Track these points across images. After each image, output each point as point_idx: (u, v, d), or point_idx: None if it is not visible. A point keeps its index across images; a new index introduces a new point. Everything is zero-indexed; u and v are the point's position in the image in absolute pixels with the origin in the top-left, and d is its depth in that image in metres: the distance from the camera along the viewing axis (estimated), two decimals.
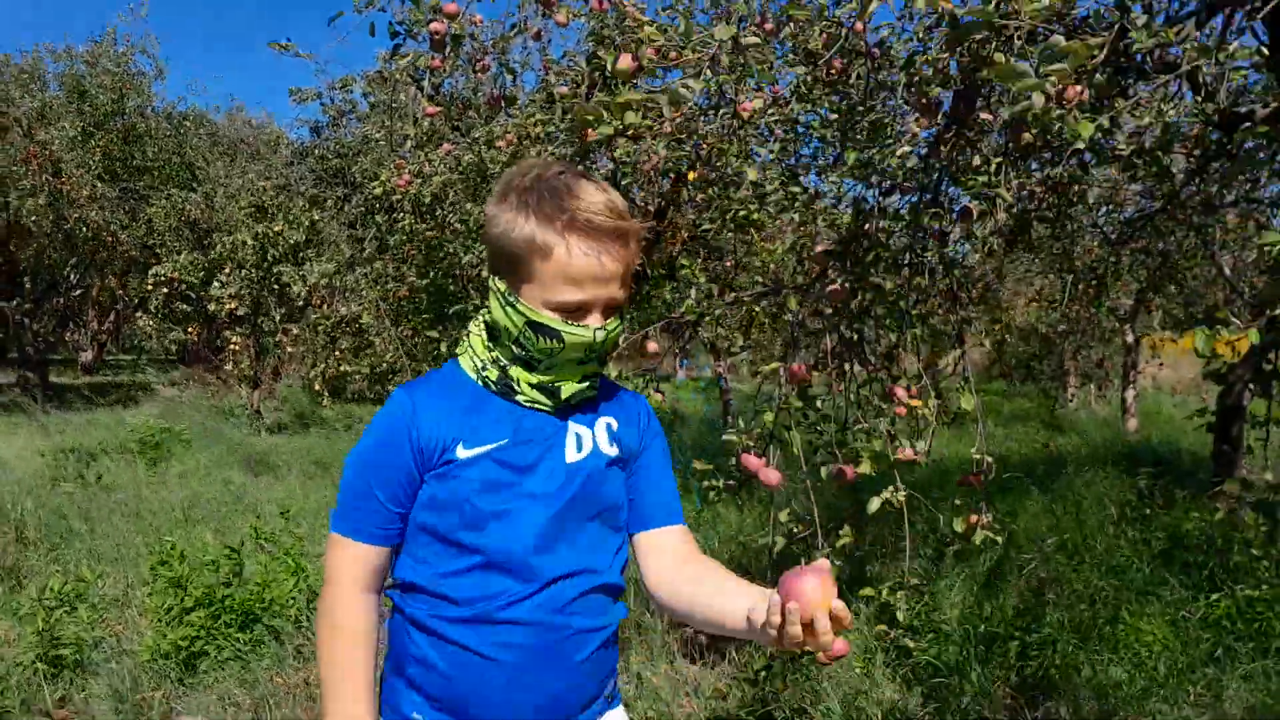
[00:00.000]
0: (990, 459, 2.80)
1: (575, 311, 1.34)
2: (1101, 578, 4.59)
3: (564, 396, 1.40)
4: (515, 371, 1.40)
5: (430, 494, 1.38)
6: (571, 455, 1.43)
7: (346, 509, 1.40)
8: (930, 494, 4.88)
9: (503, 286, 1.37)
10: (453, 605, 1.36)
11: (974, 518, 2.75)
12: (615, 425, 1.49)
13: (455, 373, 1.46)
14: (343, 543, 1.40)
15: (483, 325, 1.45)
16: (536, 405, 1.42)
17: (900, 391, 3.25)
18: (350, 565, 1.40)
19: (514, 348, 1.39)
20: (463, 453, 1.38)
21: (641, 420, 1.54)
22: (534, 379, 1.39)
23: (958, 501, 2.77)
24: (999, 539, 2.75)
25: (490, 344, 1.44)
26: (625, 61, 2.48)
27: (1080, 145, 2.10)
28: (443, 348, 6.55)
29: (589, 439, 1.46)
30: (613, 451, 1.47)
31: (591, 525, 1.43)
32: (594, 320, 1.35)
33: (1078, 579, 4.59)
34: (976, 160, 3.11)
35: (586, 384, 1.42)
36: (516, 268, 1.35)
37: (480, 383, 1.43)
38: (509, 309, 1.36)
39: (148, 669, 3.67)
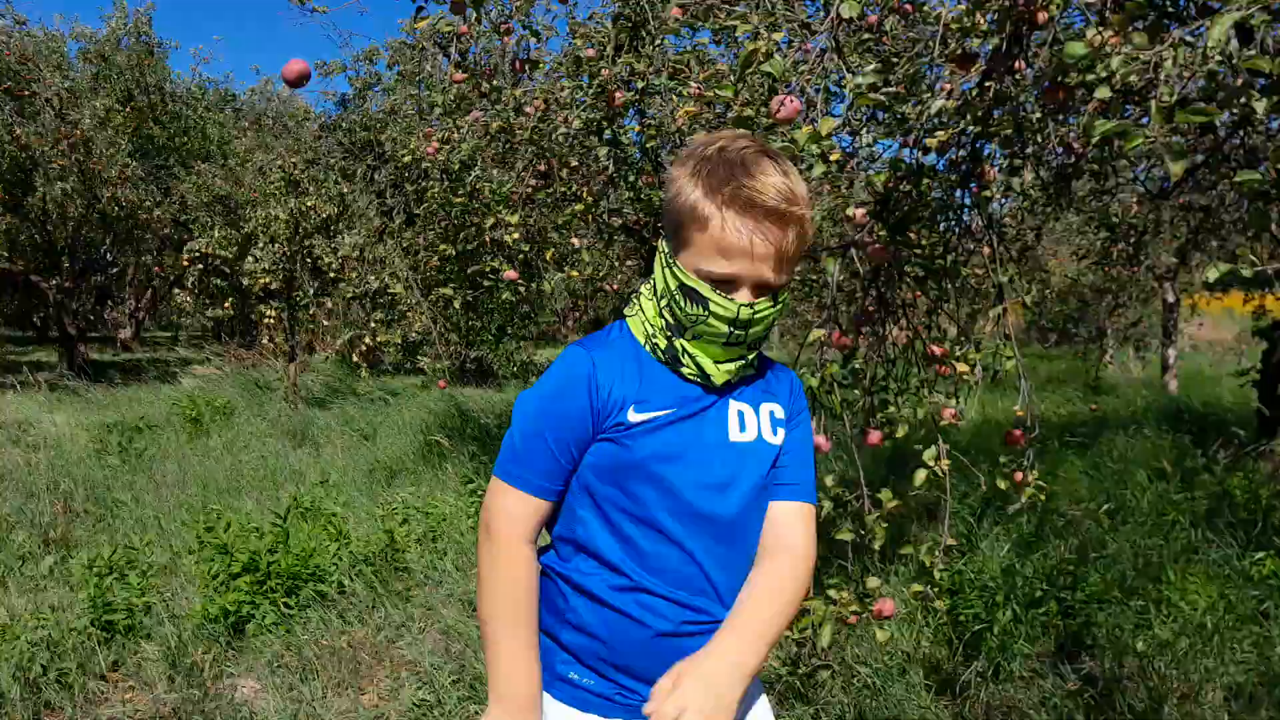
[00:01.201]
0: (1032, 415, 2.77)
1: (723, 284, 1.33)
2: (1144, 537, 4.54)
3: (715, 379, 1.39)
4: (680, 342, 1.39)
5: (598, 455, 1.38)
6: (735, 434, 1.43)
7: (517, 455, 1.39)
8: (969, 454, 4.85)
9: (666, 248, 1.39)
10: (612, 572, 1.38)
11: (1019, 475, 2.73)
12: (780, 411, 1.48)
13: (625, 335, 1.46)
14: (507, 491, 1.39)
15: (651, 289, 1.45)
16: (697, 380, 1.41)
17: (941, 352, 3.22)
18: (513, 516, 1.38)
19: (665, 313, 1.39)
20: (634, 416, 1.37)
21: (789, 398, 1.52)
22: (691, 349, 1.38)
23: (1002, 459, 2.74)
24: (1043, 497, 2.72)
25: (659, 311, 1.43)
26: (674, 11, 2.44)
27: (1111, 88, 2.03)
28: (455, 304, 6.59)
29: (753, 420, 1.45)
30: (777, 440, 1.46)
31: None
32: (742, 296, 1.34)
33: (1120, 538, 4.54)
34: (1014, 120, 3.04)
35: (741, 361, 1.40)
36: (678, 232, 1.36)
37: (649, 349, 1.43)
38: (667, 270, 1.38)
39: (197, 633, 3.74)
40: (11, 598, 4.14)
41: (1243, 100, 2.76)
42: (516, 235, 5.40)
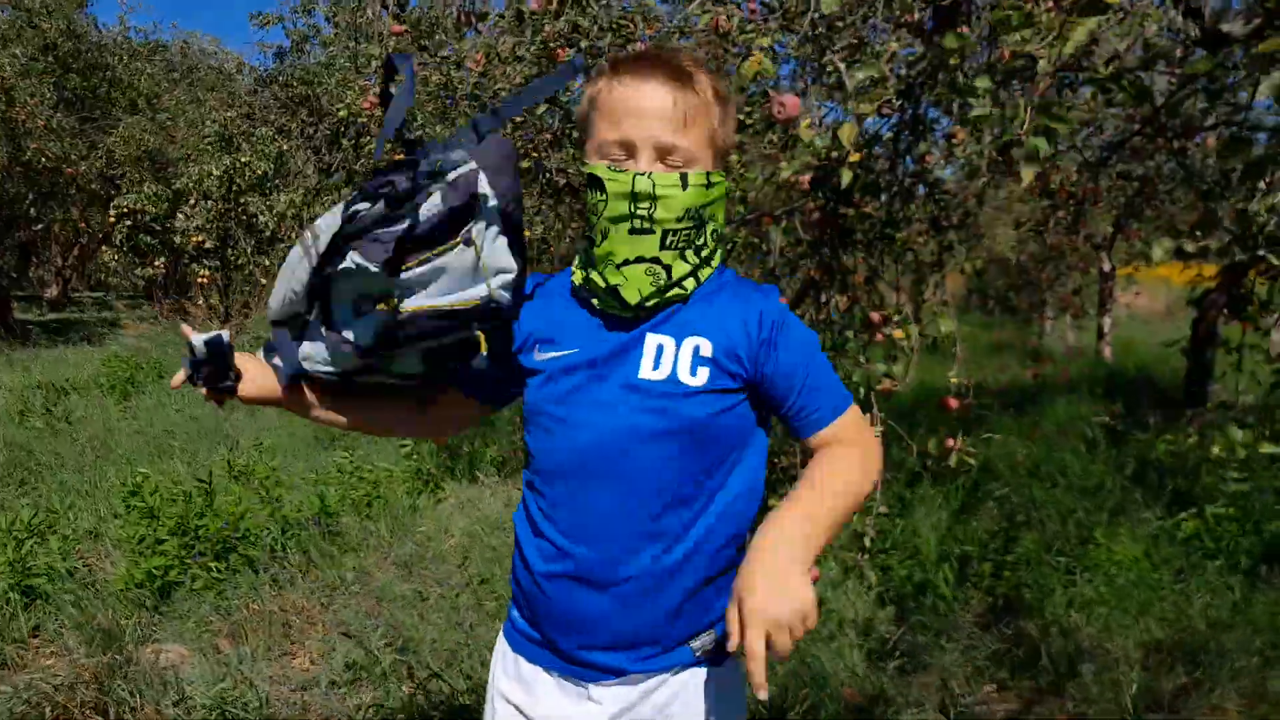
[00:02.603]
0: (968, 382, 2.80)
1: (619, 158, 1.22)
2: (1074, 500, 4.64)
3: (626, 296, 1.24)
4: (593, 258, 1.27)
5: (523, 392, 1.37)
6: (646, 370, 1.27)
7: None
8: (906, 422, 4.91)
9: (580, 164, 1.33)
10: (526, 518, 1.38)
11: (950, 441, 2.74)
12: (708, 347, 1.26)
13: (566, 273, 1.39)
14: None
15: None
16: (610, 309, 1.29)
17: (880, 319, 3.23)
18: None
19: (586, 226, 1.30)
20: (538, 356, 1.33)
21: (756, 329, 1.28)
22: (600, 267, 1.26)
23: (923, 423, 2.76)
24: (973, 461, 2.75)
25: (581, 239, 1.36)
26: None
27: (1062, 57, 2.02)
28: None
29: (670, 355, 1.27)
30: (696, 381, 1.25)
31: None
32: (640, 165, 1.21)
33: (1051, 501, 4.64)
34: (959, 80, 3.03)
35: (655, 267, 1.23)
36: (582, 133, 1.29)
37: (574, 285, 1.35)
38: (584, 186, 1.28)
39: (122, 598, 3.64)
40: None
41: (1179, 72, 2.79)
42: None
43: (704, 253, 1.28)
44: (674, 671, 1.30)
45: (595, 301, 1.30)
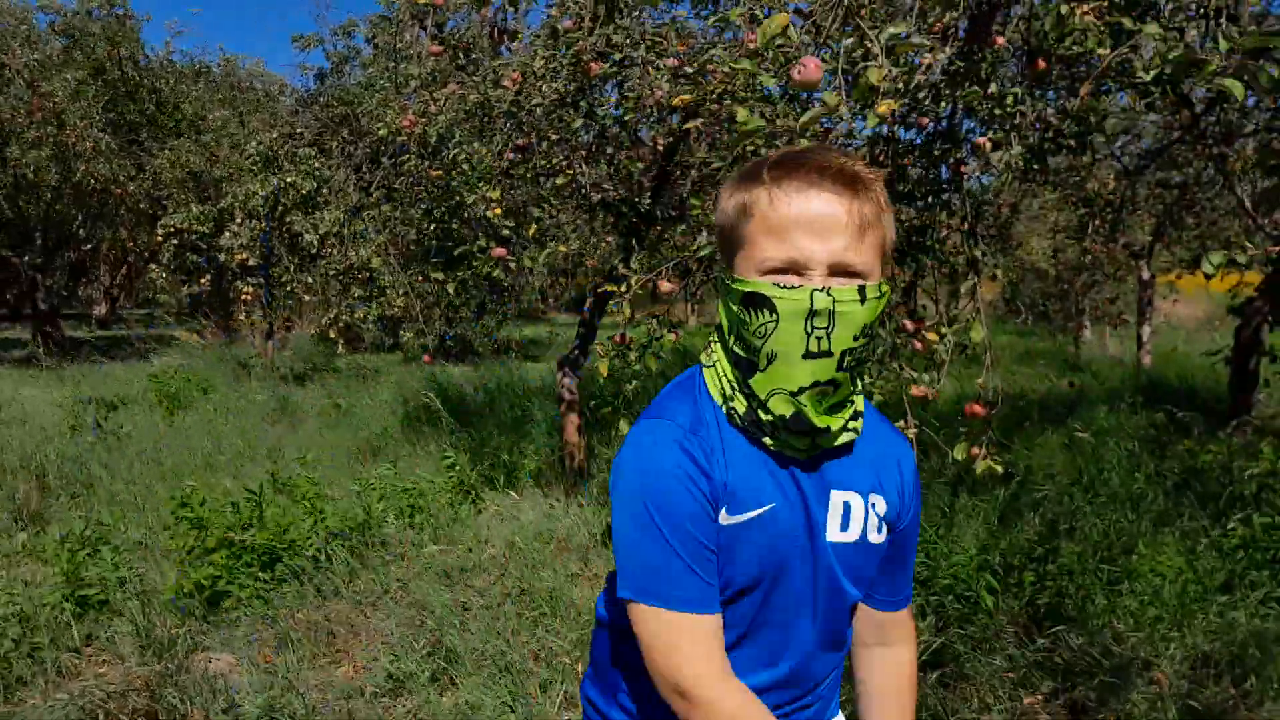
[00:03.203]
0: (996, 388, 2.79)
1: (786, 273, 1.07)
2: (1117, 510, 4.59)
3: (815, 422, 1.09)
4: (754, 384, 1.11)
5: None
6: (834, 532, 1.17)
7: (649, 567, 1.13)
8: (942, 431, 4.88)
9: (723, 278, 1.14)
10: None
11: (975, 450, 2.74)
12: (882, 505, 1.20)
13: (705, 398, 1.17)
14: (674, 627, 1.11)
15: (719, 337, 1.19)
16: (786, 448, 1.13)
17: (914, 326, 3.23)
18: (705, 657, 1.11)
19: (736, 346, 1.13)
20: (726, 519, 1.11)
21: (901, 477, 1.24)
22: (764, 396, 1.10)
23: (963, 430, 2.76)
24: (999, 469, 2.74)
25: (729, 356, 1.15)
26: None
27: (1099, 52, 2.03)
28: (450, 289, 6.54)
29: (859, 514, 1.18)
30: (880, 539, 1.21)
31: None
32: (814, 281, 1.06)
33: (1093, 511, 4.59)
34: (992, 89, 3.04)
35: (833, 389, 1.09)
36: (728, 243, 1.13)
37: (726, 414, 1.15)
38: (727, 296, 1.12)
39: (171, 608, 3.73)
40: None
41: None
42: (499, 210, 5.36)
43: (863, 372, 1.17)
44: None
45: (767, 440, 1.13)
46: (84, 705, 3.02)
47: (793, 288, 1.05)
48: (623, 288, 3.45)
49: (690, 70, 4.21)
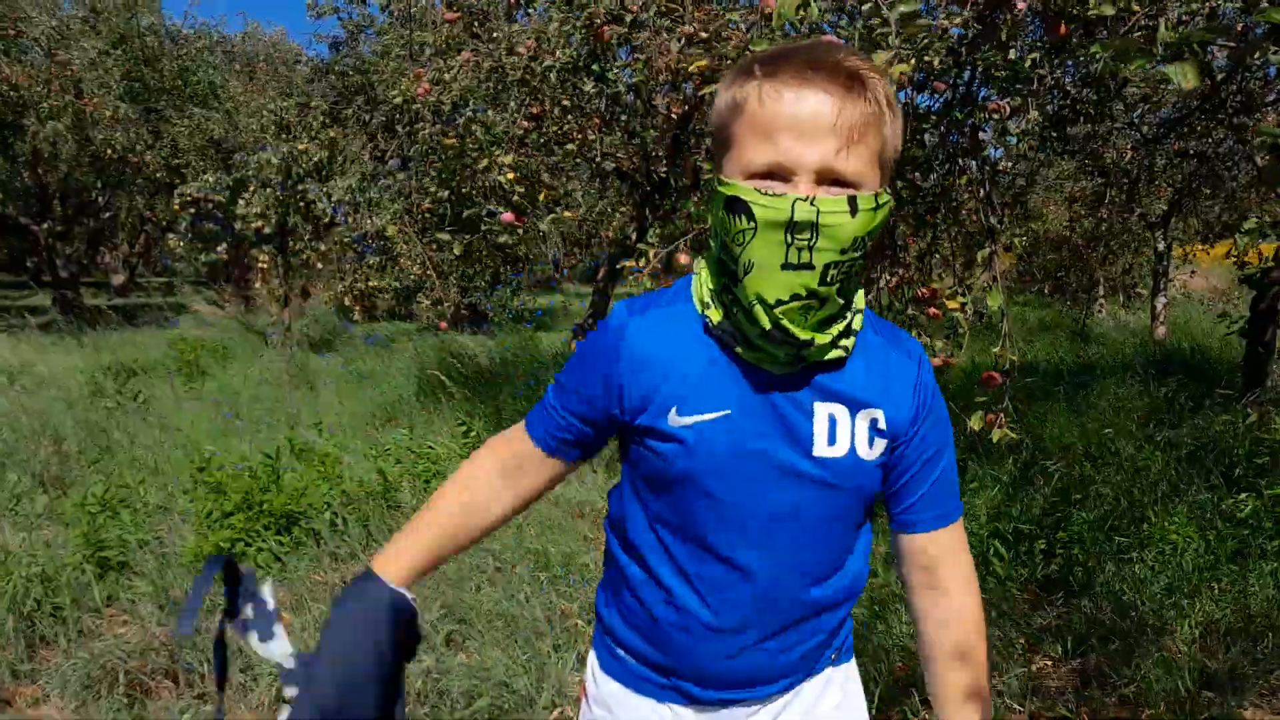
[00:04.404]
0: (1014, 358, 2.79)
1: (771, 178, 0.99)
2: (1128, 480, 4.59)
3: (799, 334, 1.02)
4: (737, 293, 1.05)
5: (636, 459, 1.16)
6: (821, 446, 1.10)
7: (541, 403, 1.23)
8: (959, 400, 4.88)
9: (713, 179, 1.07)
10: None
11: (991, 417, 2.74)
12: (883, 419, 1.12)
13: (686, 298, 1.14)
14: (517, 427, 1.24)
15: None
16: (763, 361, 1.07)
17: (930, 293, 3.23)
18: (503, 442, 1.24)
19: (718, 252, 1.07)
20: (675, 420, 1.08)
21: (914, 390, 1.15)
22: (746, 305, 1.04)
23: (980, 401, 2.76)
24: (1015, 437, 2.75)
25: (713, 264, 1.10)
26: None
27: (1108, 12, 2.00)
28: (455, 250, 6.53)
29: (846, 428, 1.11)
30: (874, 454, 1.13)
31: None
32: (799, 189, 0.98)
33: (1104, 481, 4.59)
34: (1012, 54, 3.01)
35: (813, 302, 1.01)
36: (718, 143, 1.06)
37: (706, 325, 1.10)
38: (713, 199, 1.05)
39: (191, 569, 3.79)
40: (5, 535, 4.18)
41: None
42: (511, 176, 5.35)
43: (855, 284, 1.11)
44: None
45: (740, 350, 1.08)
46: (105, 664, 3.09)
47: (775, 194, 0.97)
48: (641, 261, 3.46)
49: (705, 35, 4.18)
